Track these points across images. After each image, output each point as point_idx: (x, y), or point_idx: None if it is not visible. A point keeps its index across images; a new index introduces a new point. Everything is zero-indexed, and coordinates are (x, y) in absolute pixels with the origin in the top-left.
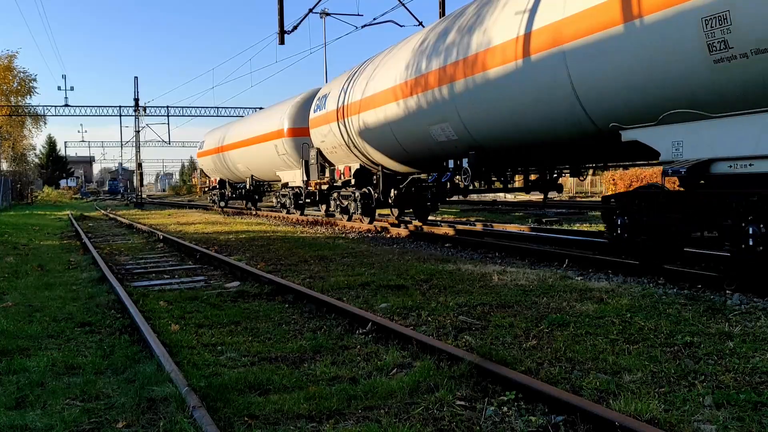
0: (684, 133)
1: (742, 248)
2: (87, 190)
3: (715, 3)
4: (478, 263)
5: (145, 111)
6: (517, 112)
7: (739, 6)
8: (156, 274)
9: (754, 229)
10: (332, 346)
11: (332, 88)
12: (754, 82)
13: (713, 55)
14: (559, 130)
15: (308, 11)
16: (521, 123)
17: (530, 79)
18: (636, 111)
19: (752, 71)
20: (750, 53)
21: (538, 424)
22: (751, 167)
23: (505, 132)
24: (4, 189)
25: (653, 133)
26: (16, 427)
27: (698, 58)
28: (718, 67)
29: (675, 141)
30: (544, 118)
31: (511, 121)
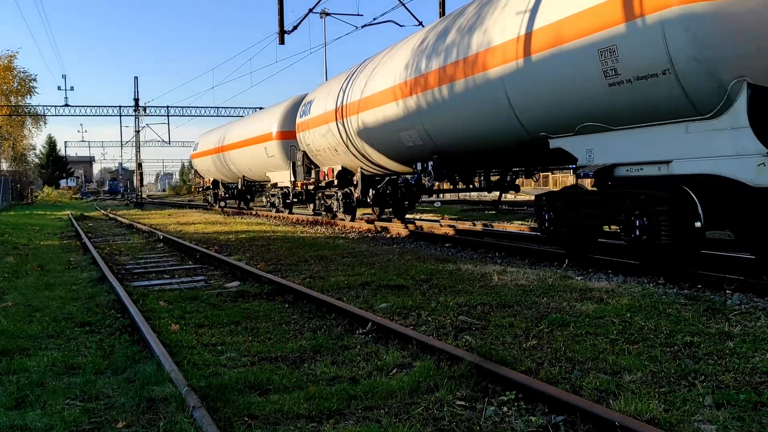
0: (594, 142)
1: (632, 237)
2: (87, 190)
3: (607, 37)
4: (478, 263)
5: (145, 111)
6: (470, 123)
7: (622, 41)
8: (156, 274)
9: (640, 222)
10: (332, 346)
11: (317, 95)
12: (638, 102)
13: (608, 80)
14: (503, 139)
15: (308, 11)
16: (473, 132)
17: (476, 96)
18: (559, 123)
19: (636, 94)
20: (633, 79)
21: (538, 424)
22: (641, 171)
23: (461, 140)
24: (4, 189)
25: (572, 142)
26: (16, 427)
27: (598, 82)
28: (612, 90)
29: (588, 148)
30: (491, 128)
31: (466, 130)
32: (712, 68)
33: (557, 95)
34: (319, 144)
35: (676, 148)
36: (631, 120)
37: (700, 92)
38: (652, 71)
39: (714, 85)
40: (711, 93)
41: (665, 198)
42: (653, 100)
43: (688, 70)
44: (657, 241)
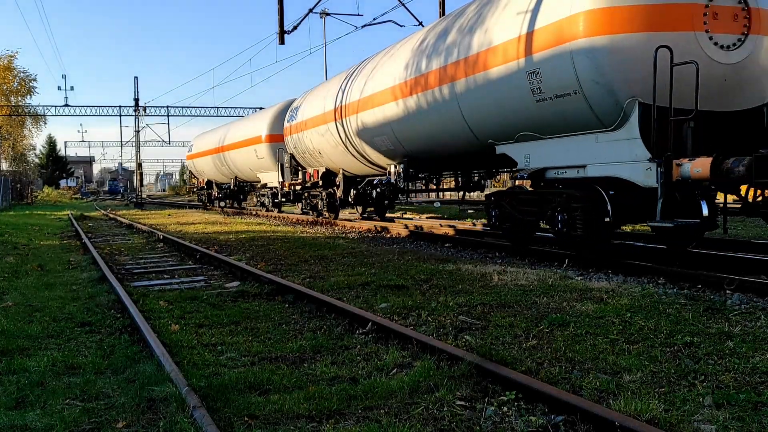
0: (530, 148)
1: (555, 230)
2: (87, 190)
3: (533, 63)
4: (478, 263)
5: (145, 111)
6: (431, 131)
7: (544, 66)
8: (156, 274)
9: (561, 216)
10: (332, 346)
11: (303, 101)
12: (559, 116)
13: (535, 97)
14: (459, 145)
15: (308, 11)
16: (435, 139)
17: (436, 109)
18: (502, 132)
19: (557, 109)
20: (553, 97)
21: (538, 424)
22: (565, 174)
23: (425, 146)
24: (4, 189)
25: (513, 148)
26: (16, 427)
27: (528, 99)
28: (539, 105)
29: (525, 154)
30: (449, 136)
31: (429, 138)
32: (609, 89)
33: (499, 109)
34: (306, 146)
35: (590, 154)
36: (556, 130)
37: (602, 109)
38: (566, 91)
39: (612, 103)
40: (611, 110)
41: (579, 196)
42: (569, 114)
43: (592, 90)
44: (573, 232)
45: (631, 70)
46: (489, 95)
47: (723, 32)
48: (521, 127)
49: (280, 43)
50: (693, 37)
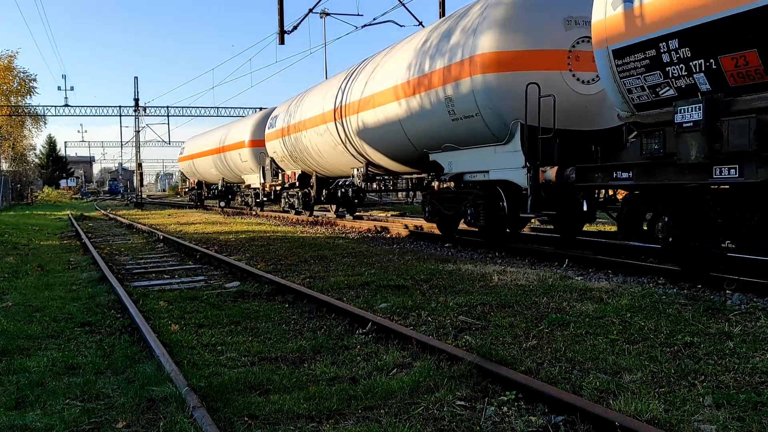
0: (452, 156)
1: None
2: (87, 190)
3: (448, 92)
4: (478, 263)
5: (145, 111)
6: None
7: (455, 93)
8: (156, 274)
9: (470, 210)
10: (332, 346)
11: (281, 110)
12: (468, 132)
13: (451, 117)
14: (404, 154)
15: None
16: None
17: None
18: (432, 144)
19: (466, 126)
20: (463, 117)
21: (538, 424)
22: (475, 177)
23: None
24: (4, 189)
25: (440, 156)
26: (16, 427)
27: (447, 118)
28: (453, 123)
29: (449, 161)
30: (396, 146)
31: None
32: (499, 113)
33: (428, 125)
34: (283, 151)
35: (491, 162)
36: (468, 143)
37: (495, 128)
38: (470, 113)
39: (502, 124)
40: (501, 129)
41: (483, 194)
42: (474, 131)
43: (486, 114)
44: (478, 223)
45: (513, 99)
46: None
47: (583, 71)
48: (444, 140)
49: (280, 43)
50: (560, 75)
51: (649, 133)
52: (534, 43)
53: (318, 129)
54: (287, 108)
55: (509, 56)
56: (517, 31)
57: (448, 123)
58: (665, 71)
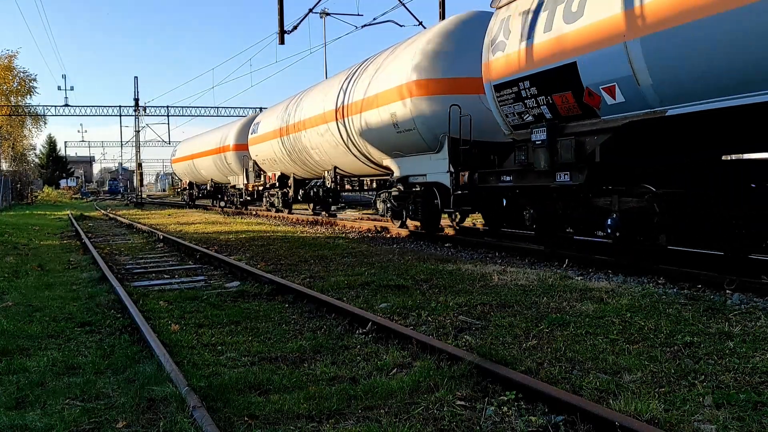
0: (400, 162)
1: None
2: (87, 190)
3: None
4: (478, 263)
5: (145, 111)
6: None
7: (397, 111)
8: (156, 274)
9: (411, 207)
10: (332, 346)
11: (263, 117)
12: (409, 142)
13: (395, 130)
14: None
15: (308, 11)
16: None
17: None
18: (384, 152)
19: (407, 138)
20: (404, 131)
21: (538, 424)
22: (417, 179)
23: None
24: (4, 189)
25: (391, 162)
26: (16, 427)
27: (393, 131)
28: (398, 135)
29: (398, 166)
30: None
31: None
32: (431, 128)
33: (378, 136)
34: (265, 155)
35: (428, 167)
36: (411, 151)
37: (429, 140)
38: (409, 128)
39: (434, 137)
40: (434, 140)
41: (421, 193)
42: (414, 142)
43: (421, 129)
44: (417, 217)
45: (441, 117)
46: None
47: None
48: (393, 149)
49: (280, 43)
50: (477, 98)
51: (519, 147)
52: (455, 72)
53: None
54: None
55: (435, 82)
56: (443, 62)
57: (393, 134)
58: (525, 103)
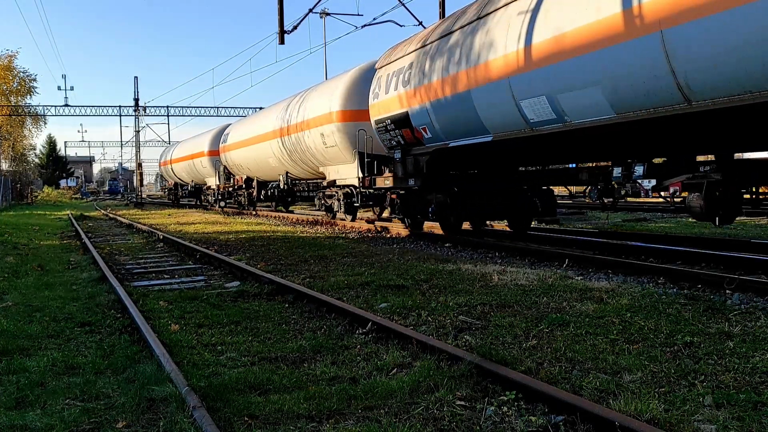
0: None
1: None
2: (87, 190)
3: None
4: (478, 263)
5: (145, 111)
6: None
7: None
8: (156, 274)
9: (336, 203)
10: (332, 346)
11: (232, 129)
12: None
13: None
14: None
15: (308, 11)
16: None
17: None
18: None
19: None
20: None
21: (538, 424)
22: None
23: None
24: (4, 189)
25: (324, 170)
26: (16, 427)
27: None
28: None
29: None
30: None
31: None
32: (347, 146)
33: (314, 149)
34: (233, 160)
35: (347, 173)
36: (336, 162)
37: (347, 154)
38: (333, 144)
39: (352, 152)
40: (351, 154)
41: (343, 193)
42: (337, 154)
43: (341, 145)
44: (338, 211)
45: (354, 136)
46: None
47: None
48: (323, 161)
49: (280, 43)
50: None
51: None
52: (362, 105)
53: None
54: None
55: (348, 112)
56: (356, 98)
57: (324, 149)
58: (389, 134)
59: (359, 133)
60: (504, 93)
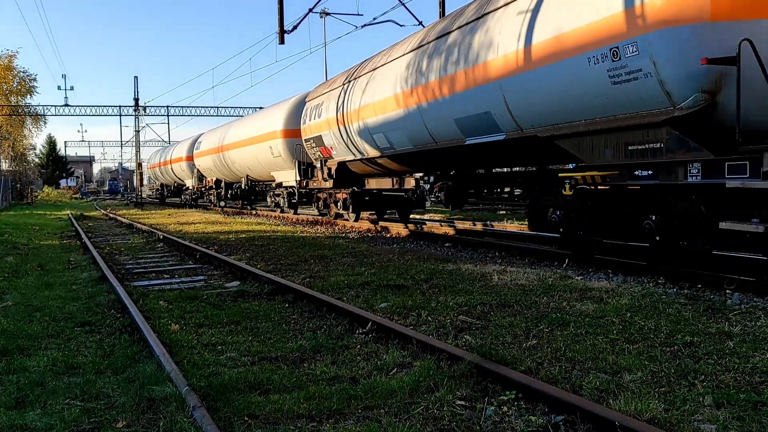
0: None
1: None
2: (87, 190)
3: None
4: (478, 263)
5: (145, 111)
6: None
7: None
8: (156, 273)
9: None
10: (332, 346)
11: (203, 138)
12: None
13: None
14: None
15: (308, 11)
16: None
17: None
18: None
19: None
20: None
21: (538, 423)
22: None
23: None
24: (4, 189)
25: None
26: (16, 427)
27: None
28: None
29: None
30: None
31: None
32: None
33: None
34: (205, 164)
35: (289, 177)
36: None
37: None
38: (278, 155)
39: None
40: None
41: (287, 193)
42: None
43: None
44: (285, 207)
45: (293, 150)
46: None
47: None
48: (273, 166)
49: (280, 43)
50: None
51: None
52: (297, 125)
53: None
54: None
55: (291, 131)
56: (292, 119)
57: (272, 158)
58: (313, 149)
59: (296, 147)
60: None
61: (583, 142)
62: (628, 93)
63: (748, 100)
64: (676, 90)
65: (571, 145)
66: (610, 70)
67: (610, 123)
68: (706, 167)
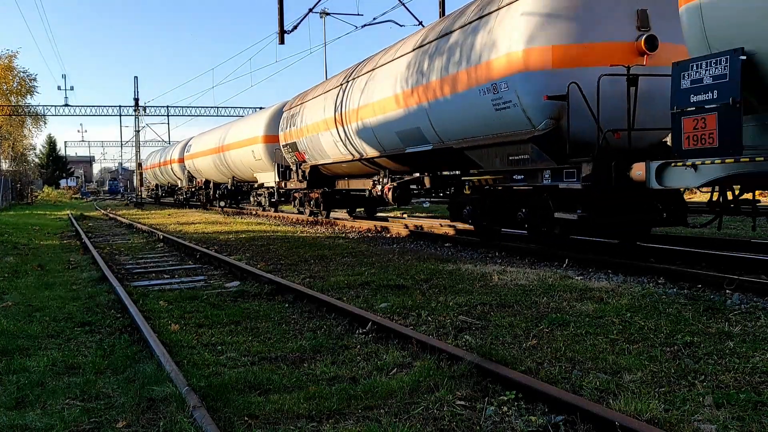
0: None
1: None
2: (87, 190)
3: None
4: (478, 263)
5: (145, 111)
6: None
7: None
8: (156, 273)
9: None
10: (332, 346)
11: (193, 142)
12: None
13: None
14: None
15: (308, 11)
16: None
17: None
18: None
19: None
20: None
21: (538, 423)
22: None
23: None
24: (4, 189)
25: (256, 175)
26: (16, 427)
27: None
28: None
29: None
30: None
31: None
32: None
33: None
34: (195, 167)
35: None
36: (263, 170)
37: (269, 165)
38: (260, 158)
39: (273, 164)
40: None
41: (267, 192)
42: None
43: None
44: (266, 205)
45: (272, 154)
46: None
47: None
48: (255, 169)
49: (280, 43)
50: None
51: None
52: (276, 131)
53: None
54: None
55: (272, 137)
56: (272, 126)
57: (254, 161)
58: (290, 154)
59: (275, 151)
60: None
61: (482, 153)
62: (505, 117)
63: (577, 124)
64: (534, 116)
65: (475, 155)
66: (494, 99)
67: (497, 139)
68: (553, 173)
